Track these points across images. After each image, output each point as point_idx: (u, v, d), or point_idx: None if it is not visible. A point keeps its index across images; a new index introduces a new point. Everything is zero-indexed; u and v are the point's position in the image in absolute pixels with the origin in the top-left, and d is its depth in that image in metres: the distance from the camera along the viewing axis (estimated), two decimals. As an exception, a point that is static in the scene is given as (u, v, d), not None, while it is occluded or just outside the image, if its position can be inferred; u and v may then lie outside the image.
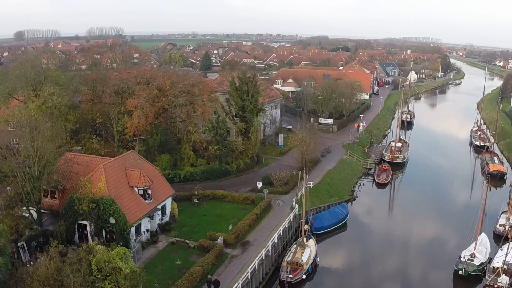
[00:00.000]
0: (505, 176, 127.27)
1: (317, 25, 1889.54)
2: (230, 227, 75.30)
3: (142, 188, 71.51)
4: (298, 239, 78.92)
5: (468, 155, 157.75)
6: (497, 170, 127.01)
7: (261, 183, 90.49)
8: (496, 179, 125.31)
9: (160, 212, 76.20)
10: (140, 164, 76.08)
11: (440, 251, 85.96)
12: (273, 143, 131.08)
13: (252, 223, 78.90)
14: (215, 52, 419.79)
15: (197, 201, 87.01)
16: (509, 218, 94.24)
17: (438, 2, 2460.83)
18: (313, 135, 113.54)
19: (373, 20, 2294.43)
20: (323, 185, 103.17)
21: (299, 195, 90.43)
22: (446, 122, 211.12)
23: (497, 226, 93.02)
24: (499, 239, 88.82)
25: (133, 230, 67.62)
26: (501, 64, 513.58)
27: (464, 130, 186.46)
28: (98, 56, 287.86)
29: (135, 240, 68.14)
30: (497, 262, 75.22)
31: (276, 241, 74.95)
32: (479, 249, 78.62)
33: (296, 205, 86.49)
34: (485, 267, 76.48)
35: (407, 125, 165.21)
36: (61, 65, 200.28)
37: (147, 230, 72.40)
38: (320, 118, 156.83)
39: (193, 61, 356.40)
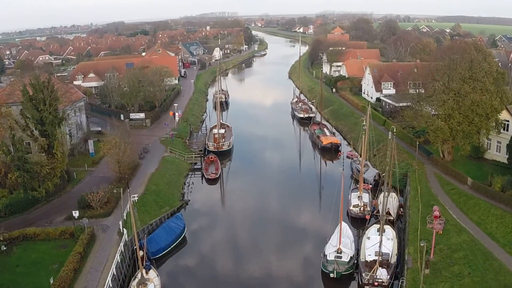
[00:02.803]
0: (340, 147, 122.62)
1: (111, 12, 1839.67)
2: (52, 281, 59.71)
3: None
4: (136, 275, 65.61)
5: (293, 130, 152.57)
6: (331, 142, 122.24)
7: (77, 212, 74.35)
8: (332, 151, 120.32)
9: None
10: None
11: (298, 248, 78.34)
12: (83, 151, 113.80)
13: (77, 266, 64.13)
14: (8, 52, 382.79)
15: (5, 248, 69.81)
16: (361, 197, 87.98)
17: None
18: (128, 138, 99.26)
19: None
20: (149, 194, 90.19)
21: (124, 214, 77.06)
22: (263, 97, 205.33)
23: (351, 208, 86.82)
24: (356, 222, 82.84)
25: None
26: (301, 30, 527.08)
27: (282, 102, 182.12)
28: None
29: None
30: (369, 255, 68.07)
31: (111, 284, 61.57)
32: (344, 242, 70.50)
33: (125, 229, 72.99)
34: (355, 261, 69.08)
35: (223, 106, 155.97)
36: None
37: None
38: (130, 114, 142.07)
39: None
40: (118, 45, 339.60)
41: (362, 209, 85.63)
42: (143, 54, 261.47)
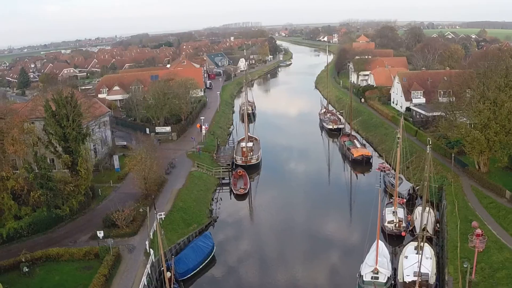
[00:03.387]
0: (371, 159, 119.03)
1: (135, 24, 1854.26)
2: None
3: None
4: (163, 299, 62.77)
5: (322, 141, 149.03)
6: (362, 154, 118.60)
7: (102, 232, 71.75)
8: (363, 164, 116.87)
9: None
10: None
11: (331, 268, 75.27)
12: (108, 166, 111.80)
13: (102, 290, 61.59)
14: (33, 66, 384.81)
15: (27, 270, 67.45)
16: (396, 212, 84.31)
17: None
18: (154, 153, 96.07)
19: (192, 9, 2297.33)
20: (176, 212, 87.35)
21: (151, 234, 74.37)
22: (289, 107, 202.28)
23: (386, 224, 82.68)
24: (391, 239, 78.88)
25: None
26: (325, 39, 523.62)
27: (310, 113, 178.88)
28: None
29: None
30: (407, 275, 64.31)
31: (137, 310, 58.69)
32: (380, 261, 66.63)
33: (151, 250, 70.27)
34: (393, 282, 65.48)
35: (250, 118, 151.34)
36: None
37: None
38: (156, 127, 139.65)
39: (10, 79, 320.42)
40: (143, 57, 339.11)
41: (397, 225, 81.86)
42: (168, 66, 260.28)
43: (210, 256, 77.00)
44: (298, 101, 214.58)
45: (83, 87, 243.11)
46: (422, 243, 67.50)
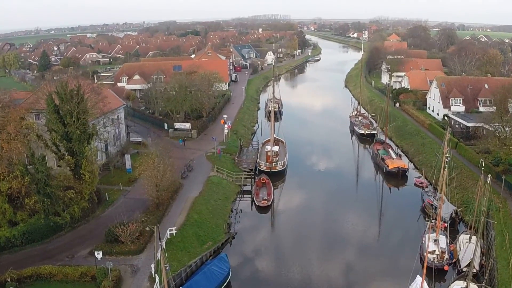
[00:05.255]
0: (407, 172, 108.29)
1: (164, 10, 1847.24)
2: None
3: None
4: None
5: (352, 147, 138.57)
6: (398, 167, 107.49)
7: (100, 253, 61.71)
8: (398, 177, 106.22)
9: None
10: None
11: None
12: (119, 165, 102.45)
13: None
14: (56, 49, 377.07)
15: (13, 291, 58.45)
16: (438, 240, 73.57)
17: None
18: (168, 157, 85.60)
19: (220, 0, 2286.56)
20: (189, 226, 77.22)
21: (158, 255, 64.74)
22: (318, 107, 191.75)
23: (427, 255, 71.62)
24: (431, 272, 67.93)
25: None
26: (355, 35, 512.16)
27: (339, 114, 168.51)
28: None
29: None
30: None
31: None
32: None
33: (157, 276, 60.39)
34: None
35: (276, 116, 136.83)
36: None
37: None
38: (175, 124, 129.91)
39: (32, 61, 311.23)
40: (168, 45, 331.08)
41: (439, 256, 70.93)
42: (193, 56, 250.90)
43: (225, 283, 66.83)
44: (326, 100, 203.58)
45: (103, 74, 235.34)
46: (468, 284, 57.24)
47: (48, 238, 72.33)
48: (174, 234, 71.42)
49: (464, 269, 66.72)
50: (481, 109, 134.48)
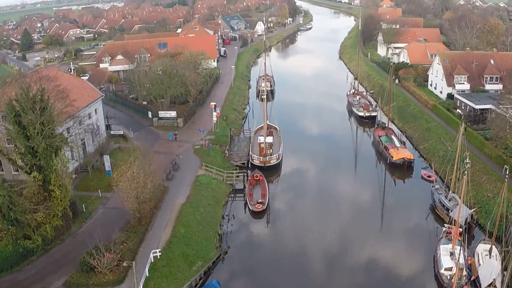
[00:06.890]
0: (413, 163, 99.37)
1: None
2: None
3: None
4: None
5: (350, 130, 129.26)
6: (403, 158, 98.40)
7: None
8: (403, 169, 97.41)
9: None
10: None
11: None
12: (98, 165, 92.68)
13: None
14: (39, 25, 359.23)
15: None
16: (454, 253, 64.65)
17: None
18: (149, 165, 74.44)
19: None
20: (176, 244, 68.11)
21: (141, 284, 56.46)
22: (312, 83, 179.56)
23: (443, 271, 62.63)
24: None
25: None
26: (346, 0, 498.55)
27: (334, 91, 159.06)
28: None
29: None
30: None
31: None
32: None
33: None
34: None
35: (268, 96, 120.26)
36: None
37: None
38: (159, 112, 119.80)
39: (14, 40, 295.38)
40: (154, 17, 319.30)
41: (458, 275, 61.70)
42: (179, 30, 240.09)
43: (218, 315, 58.63)
44: (321, 75, 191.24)
45: (86, 52, 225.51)
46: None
47: (18, 265, 63.55)
48: (158, 257, 62.75)
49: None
50: (487, 87, 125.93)
